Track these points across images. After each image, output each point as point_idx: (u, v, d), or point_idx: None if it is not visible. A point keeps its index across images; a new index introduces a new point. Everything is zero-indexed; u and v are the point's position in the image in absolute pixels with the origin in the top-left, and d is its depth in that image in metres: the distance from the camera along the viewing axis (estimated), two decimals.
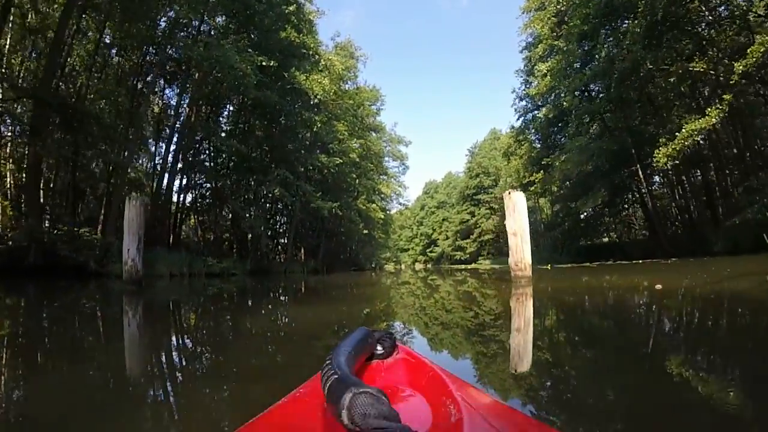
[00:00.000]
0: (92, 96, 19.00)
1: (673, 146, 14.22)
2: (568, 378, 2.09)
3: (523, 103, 28.55)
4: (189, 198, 24.37)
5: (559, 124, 23.61)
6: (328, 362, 0.72)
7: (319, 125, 21.34)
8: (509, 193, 8.66)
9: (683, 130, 14.11)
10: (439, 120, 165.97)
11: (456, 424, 0.63)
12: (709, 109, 14.41)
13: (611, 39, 16.73)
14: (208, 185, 23.84)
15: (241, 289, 10.66)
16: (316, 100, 20.58)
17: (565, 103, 19.78)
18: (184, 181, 22.54)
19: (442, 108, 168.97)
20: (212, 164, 23.57)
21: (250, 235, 23.41)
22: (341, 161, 24.04)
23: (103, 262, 15.76)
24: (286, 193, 20.58)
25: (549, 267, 16.90)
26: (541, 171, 21.85)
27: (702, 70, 15.91)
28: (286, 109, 20.74)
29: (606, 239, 29.91)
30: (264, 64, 16.60)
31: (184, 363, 2.65)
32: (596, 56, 18.19)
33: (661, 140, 15.11)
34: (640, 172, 21.33)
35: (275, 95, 19.44)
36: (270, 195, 24.05)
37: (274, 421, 0.72)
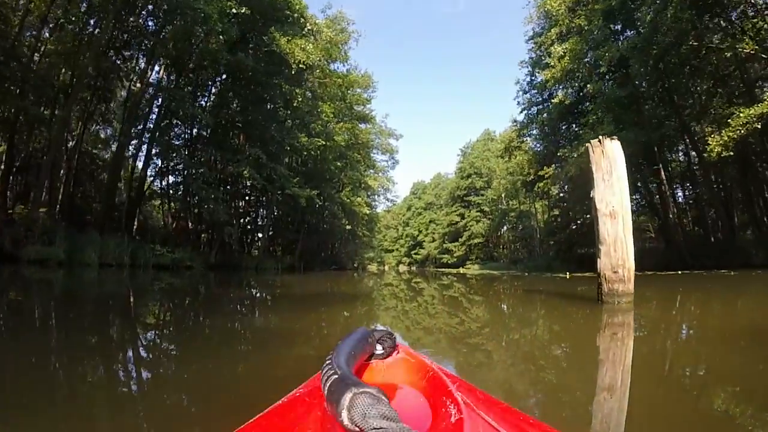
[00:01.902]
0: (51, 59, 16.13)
1: (728, 133, 11.79)
2: None
3: (528, 95, 26.37)
4: (158, 182, 21.36)
5: (573, 113, 21.08)
6: (328, 362, 0.69)
7: (300, 99, 18.27)
8: (600, 140, 4.86)
9: (740, 116, 11.68)
10: (426, 122, 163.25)
11: (456, 424, 0.60)
12: None
13: (651, 8, 14.24)
14: (182, 170, 20.67)
15: (174, 289, 7.75)
16: (298, 69, 17.45)
17: (589, 86, 17.26)
18: (153, 163, 19.49)
19: (431, 109, 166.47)
20: (180, 140, 20.41)
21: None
22: (324, 143, 20.96)
23: (23, 242, 12.84)
24: (257, 175, 17.50)
25: (568, 276, 14.28)
26: (552, 165, 19.21)
27: (753, 52, 13.64)
28: (263, 79, 17.71)
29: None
30: (235, 11, 13.67)
31: None
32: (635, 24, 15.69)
33: (707, 129, 12.80)
34: (663, 173, 18.99)
35: (251, 60, 16.49)
36: (244, 182, 21.07)
37: (273, 421, 0.68)
